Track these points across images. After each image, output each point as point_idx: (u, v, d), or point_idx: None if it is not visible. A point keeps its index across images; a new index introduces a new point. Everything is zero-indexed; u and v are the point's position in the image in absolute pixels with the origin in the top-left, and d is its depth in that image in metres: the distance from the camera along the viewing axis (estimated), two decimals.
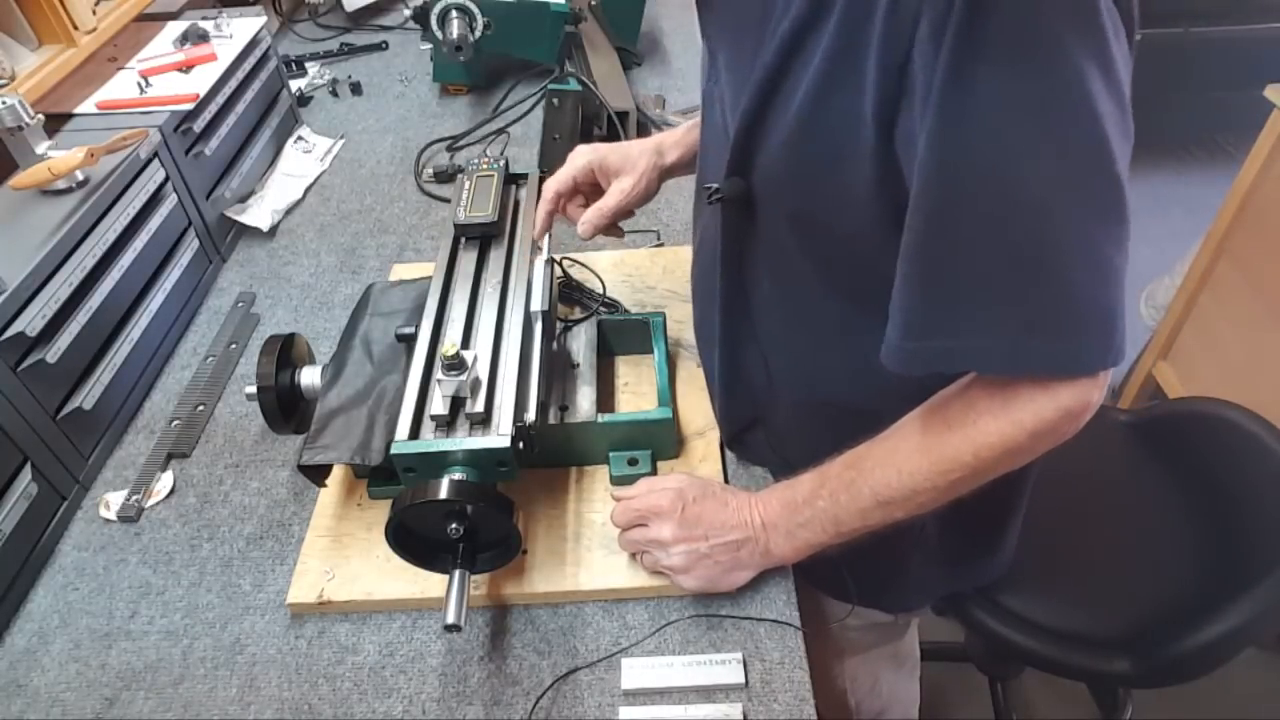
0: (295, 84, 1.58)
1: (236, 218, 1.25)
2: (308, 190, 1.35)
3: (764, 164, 0.66)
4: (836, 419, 0.78)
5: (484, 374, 0.77)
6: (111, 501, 0.91)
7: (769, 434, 0.85)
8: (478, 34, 1.37)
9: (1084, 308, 0.56)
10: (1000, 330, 0.57)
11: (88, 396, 0.91)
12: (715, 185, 0.70)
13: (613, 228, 0.92)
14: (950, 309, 0.58)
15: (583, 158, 0.89)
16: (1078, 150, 0.53)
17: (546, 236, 0.97)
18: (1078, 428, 0.62)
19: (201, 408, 1.01)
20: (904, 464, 0.66)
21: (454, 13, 1.37)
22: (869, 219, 0.62)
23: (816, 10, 0.58)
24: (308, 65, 1.65)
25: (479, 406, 0.74)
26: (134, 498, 0.91)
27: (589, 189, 0.91)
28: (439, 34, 1.37)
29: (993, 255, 0.55)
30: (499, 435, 0.73)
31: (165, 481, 0.93)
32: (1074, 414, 0.61)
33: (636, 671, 0.73)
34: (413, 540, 0.74)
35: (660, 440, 0.87)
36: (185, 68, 1.21)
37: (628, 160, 0.89)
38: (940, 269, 0.57)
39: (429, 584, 0.78)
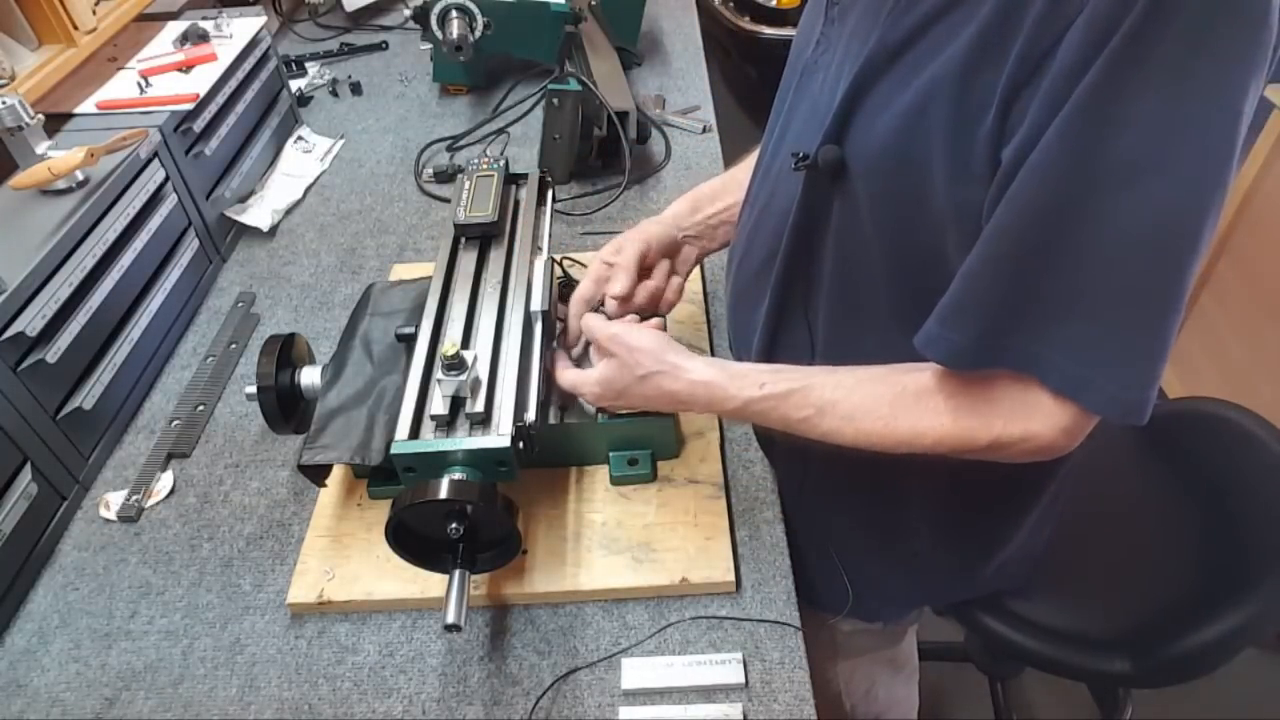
0: (295, 84, 1.58)
1: (236, 218, 1.25)
2: (308, 190, 1.35)
3: (869, 131, 0.64)
4: None
5: (484, 374, 0.77)
6: (111, 501, 0.91)
7: None
8: (478, 34, 1.37)
9: (1160, 349, 0.55)
10: (1081, 349, 0.56)
11: (88, 396, 0.91)
12: (804, 151, 0.68)
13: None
14: (1033, 313, 0.56)
15: (630, 243, 0.86)
16: (1205, 191, 0.52)
17: (547, 236, 0.97)
18: (1041, 459, 0.62)
19: (201, 408, 1.01)
20: (864, 426, 0.66)
21: (454, 13, 1.36)
22: (966, 204, 0.60)
23: None
24: (308, 65, 1.65)
25: (479, 406, 0.74)
26: (134, 498, 0.91)
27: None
28: (439, 34, 1.37)
29: (1096, 275, 0.54)
30: (499, 435, 0.73)
31: (165, 481, 0.93)
32: (1054, 449, 0.61)
33: (636, 671, 0.73)
34: (413, 540, 0.74)
35: (660, 440, 0.87)
36: (185, 68, 1.21)
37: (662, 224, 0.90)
38: (1039, 275, 0.55)
39: (429, 584, 0.78)
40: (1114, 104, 0.50)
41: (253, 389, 0.84)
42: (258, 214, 1.27)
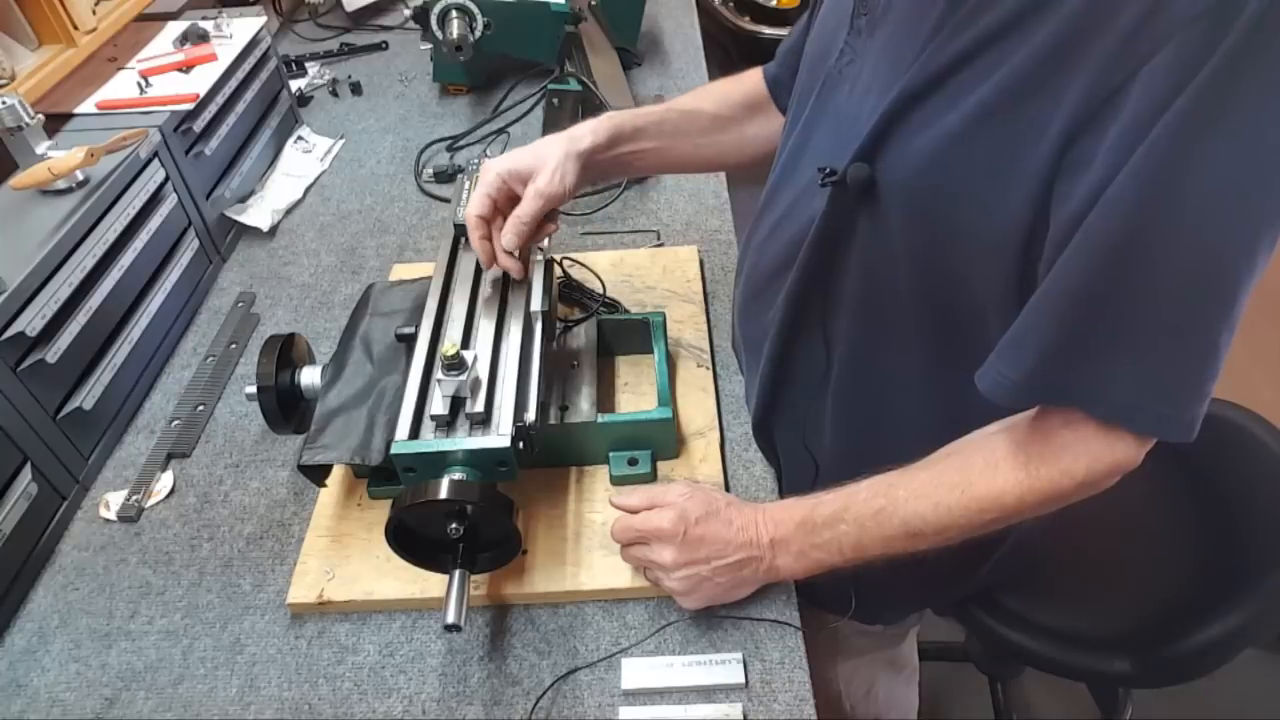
0: (295, 84, 1.58)
1: (236, 218, 1.25)
2: (308, 190, 1.35)
3: (905, 153, 0.62)
4: (887, 424, 0.78)
5: (484, 374, 0.77)
6: (111, 501, 0.91)
7: (807, 425, 0.83)
8: (478, 34, 1.37)
9: (1210, 380, 0.56)
10: (1136, 381, 0.56)
11: (88, 396, 0.91)
12: (831, 167, 0.67)
13: (542, 226, 0.84)
14: (1095, 350, 0.56)
15: (490, 172, 0.81)
16: (1270, 227, 0.52)
17: (546, 238, 0.97)
18: (1114, 482, 0.63)
19: (201, 408, 1.01)
20: (941, 499, 0.65)
21: (454, 13, 1.36)
22: (1001, 234, 0.60)
23: (1030, 10, 0.54)
24: (308, 65, 1.65)
25: (479, 406, 0.74)
26: (134, 498, 0.91)
27: (508, 203, 0.82)
28: (439, 34, 1.37)
29: (1164, 309, 0.54)
30: (499, 435, 0.73)
31: (165, 481, 0.93)
32: (1122, 470, 0.61)
33: (636, 671, 0.73)
34: (413, 540, 0.74)
35: (660, 440, 0.87)
36: (185, 68, 1.21)
37: (538, 157, 0.81)
38: (1103, 310, 0.55)
39: (429, 584, 0.78)
40: (1191, 144, 0.50)
41: (253, 389, 0.84)
42: (258, 214, 1.27)
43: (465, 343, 0.81)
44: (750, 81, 0.95)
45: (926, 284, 0.67)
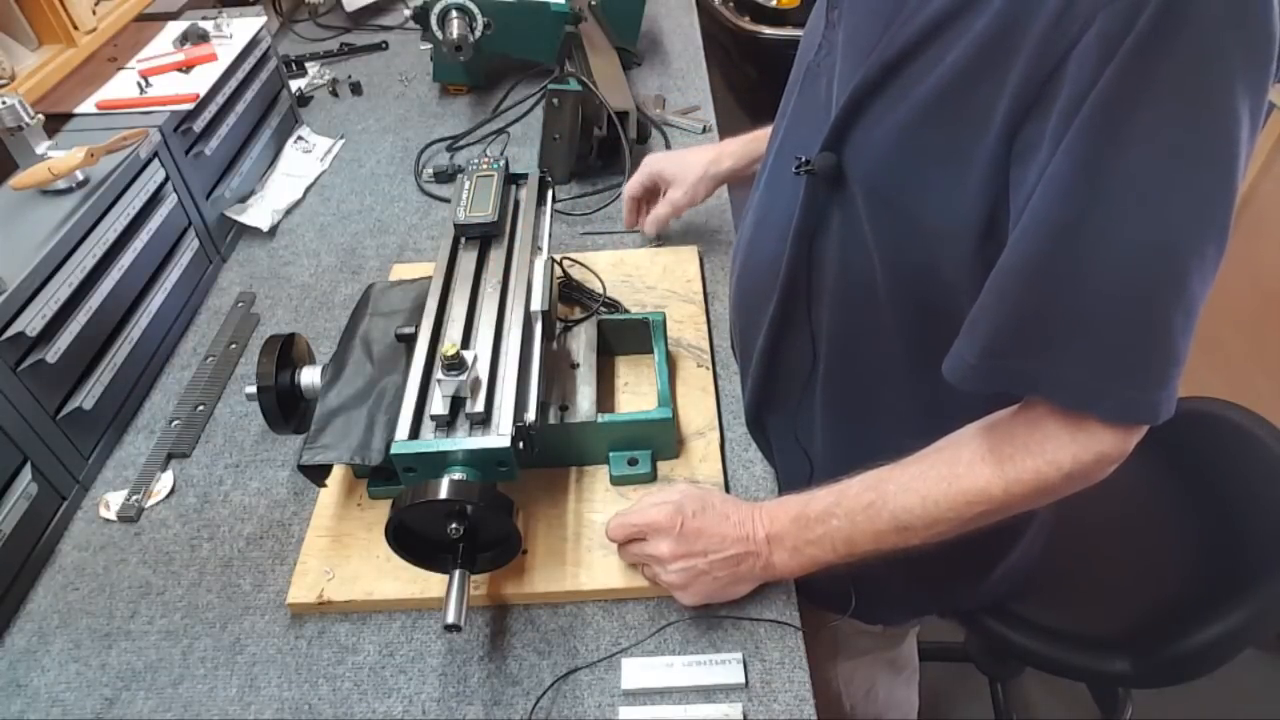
0: (295, 84, 1.58)
1: (236, 218, 1.25)
2: (308, 190, 1.35)
3: (866, 143, 0.64)
4: (874, 418, 0.78)
5: (484, 374, 0.77)
6: (111, 501, 0.91)
7: (798, 420, 0.84)
8: (478, 34, 1.37)
9: (1171, 361, 0.56)
10: (1091, 365, 0.56)
11: (88, 396, 0.91)
12: (805, 157, 0.68)
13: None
14: (1045, 333, 0.57)
15: (645, 167, 1.06)
16: (1214, 204, 0.52)
17: (547, 236, 0.97)
18: (1107, 474, 0.62)
19: (201, 408, 1.01)
20: (929, 492, 0.65)
21: (454, 13, 1.36)
22: (960, 222, 0.60)
23: None
24: (308, 65, 1.65)
25: (479, 406, 0.74)
26: (134, 498, 0.91)
27: (653, 193, 1.10)
28: (439, 34, 1.37)
29: (1108, 289, 0.54)
30: (499, 435, 0.73)
31: (165, 481, 0.93)
32: (1110, 460, 0.61)
33: (636, 671, 0.73)
34: (413, 540, 0.74)
35: (660, 440, 0.87)
36: (185, 68, 1.21)
37: (682, 169, 1.03)
38: (1048, 291, 0.56)
39: (429, 584, 0.78)
40: (1119, 119, 0.50)
41: (253, 389, 0.84)
42: (258, 214, 1.27)
43: (465, 343, 0.81)
44: None
45: (900, 276, 0.68)
